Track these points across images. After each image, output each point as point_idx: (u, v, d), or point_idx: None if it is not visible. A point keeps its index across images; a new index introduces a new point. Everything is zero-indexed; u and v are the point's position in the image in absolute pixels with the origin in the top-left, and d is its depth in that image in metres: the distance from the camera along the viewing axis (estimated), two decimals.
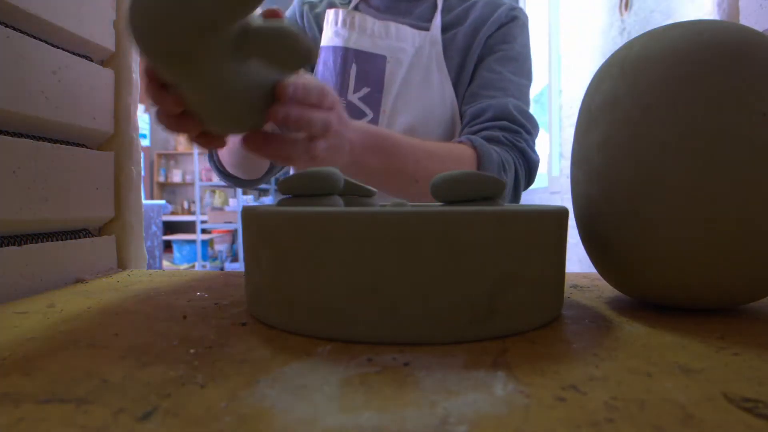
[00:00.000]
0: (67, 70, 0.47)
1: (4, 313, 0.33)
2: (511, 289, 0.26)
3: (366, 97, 0.71)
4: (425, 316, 0.25)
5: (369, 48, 0.72)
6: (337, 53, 0.73)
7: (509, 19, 0.76)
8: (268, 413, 0.17)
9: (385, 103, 0.71)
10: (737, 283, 0.29)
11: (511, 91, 0.72)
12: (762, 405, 0.18)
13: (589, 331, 0.28)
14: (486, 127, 0.68)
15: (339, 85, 0.73)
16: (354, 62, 0.72)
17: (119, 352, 0.24)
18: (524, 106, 0.72)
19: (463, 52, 0.74)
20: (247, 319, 0.31)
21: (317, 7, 0.80)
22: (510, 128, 0.69)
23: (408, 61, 0.72)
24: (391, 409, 0.18)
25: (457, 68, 0.74)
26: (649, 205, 0.29)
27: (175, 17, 0.29)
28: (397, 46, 0.72)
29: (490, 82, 0.72)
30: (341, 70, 0.72)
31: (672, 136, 0.28)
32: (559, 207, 0.30)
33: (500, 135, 0.67)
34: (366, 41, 0.72)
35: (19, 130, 0.44)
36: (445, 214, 0.25)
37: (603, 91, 0.32)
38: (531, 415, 0.17)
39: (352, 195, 0.42)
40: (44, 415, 0.17)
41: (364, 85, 0.71)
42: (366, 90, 0.71)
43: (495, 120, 0.69)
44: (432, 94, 0.72)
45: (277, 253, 0.27)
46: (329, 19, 0.74)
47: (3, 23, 0.41)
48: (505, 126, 0.68)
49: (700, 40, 0.29)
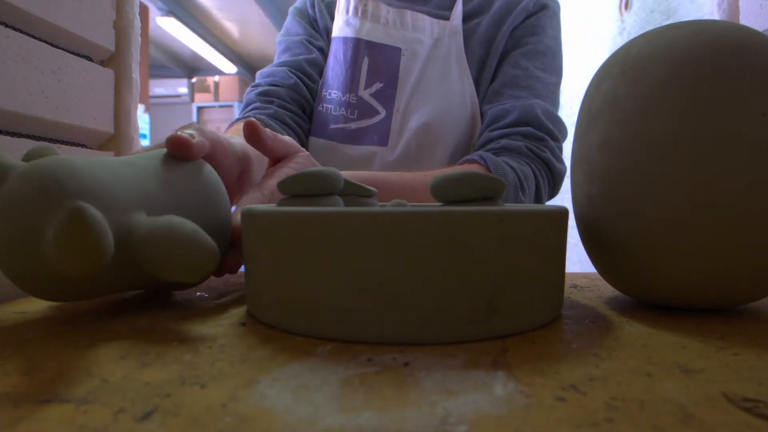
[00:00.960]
0: (67, 70, 0.47)
1: (4, 313, 0.33)
2: (511, 289, 0.26)
3: (378, 93, 0.65)
4: (425, 316, 0.25)
5: (382, 39, 0.66)
6: (347, 45, 0.67)
7: (538, 8, 0.68)
8: (268, 413, 0.17)
9: (399, 101, 0.65)
10: (737, 283, 0.29)
11: (539, 91, 0.65)
12: (762, 405, 0.18)
13: (589, 331, 0.28)
14: (507, 133, 0.62)
15: (349, 80, 0.66)
16: (366, 55, 0.66)
17: (119, 352, 0.24)
18: (552, 109, 0.66)
19: (486, 45, 0.67)
20: (247, 319, 0.31)
21: None
22: (534, 135, 0.63)
23: (425, 53, 0.65)
24: (391, 409, 0.18)
25: (479, 62, 0.67)
26: (649, 205, 0.29)
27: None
28: (414, 37, 0.66)
29: (515, 80, 0.65)
30: (352, 63, 0.66)
31: (672, 136, 0.28)
32: (559, 207, 0.30)
33: (522, 145, 0.62)
34: (379, 31, 0.66)
35: (19, 130, 0.44)
36: (445, 214, 0.25)
37: (603, 91, 0.32)
38: (531, 415, 0.17)
39: (352, 195, 0.42)
40: (44, 415, 0.17)
41: (376, 80, 0.65)
42: (378, 85, 0.65)
43: (518, 125, 0.63)
44: (451, 91, 0.65)
45: (277, 253, 0.27)
46: (340, 7, 0.69)
47: (3, 23, 0.41)
48: (529, 133, 0.62)
49: (700, 40, 0.29)
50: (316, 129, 0.67)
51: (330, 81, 0.67)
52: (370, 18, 0.67)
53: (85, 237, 0.22)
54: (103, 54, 0.54)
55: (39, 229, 0.25)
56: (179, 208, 0.31)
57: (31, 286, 0.28)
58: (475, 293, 0.25)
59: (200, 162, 0.36)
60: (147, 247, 0.27)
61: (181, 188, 0.33)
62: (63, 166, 0.27)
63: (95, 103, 0.52)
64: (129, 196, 0.29)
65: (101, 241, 0.22)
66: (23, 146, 0.42)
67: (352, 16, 0.67)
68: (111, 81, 0.54)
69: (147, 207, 0.29)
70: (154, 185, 0.31)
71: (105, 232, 0.23)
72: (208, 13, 4.05)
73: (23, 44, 0.42)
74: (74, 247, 0.22)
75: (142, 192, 0.30)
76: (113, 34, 0.55)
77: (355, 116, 0.64)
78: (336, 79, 0.67)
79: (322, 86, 0.67)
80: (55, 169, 0.27)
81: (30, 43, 0.43)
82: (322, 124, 0.66)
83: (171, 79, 5.46)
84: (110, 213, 0.27)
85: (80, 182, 0.27)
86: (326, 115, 0.65)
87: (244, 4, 3.76)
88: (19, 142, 0.42)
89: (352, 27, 0.67)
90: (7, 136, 0.42)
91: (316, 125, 0.67)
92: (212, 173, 0.36)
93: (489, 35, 0.67)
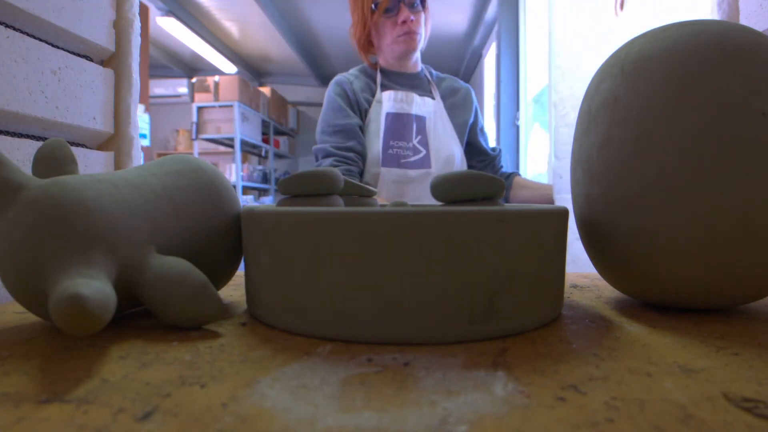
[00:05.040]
0: (67, 70, 0.47)
1: (4, 313, 0.33)
2: (511, 289, 0.26)
3: (420, 141, 1.15)
4: (425, 316, 0.25)
5: (416, 112, 1.16)
6: (405, 116, 1.15)
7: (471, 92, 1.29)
8: (268, 413, 0.17)
9: (431, 145, 1.15)
10: (737, 283, 0.29)
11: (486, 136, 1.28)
12: (762, 405, 0.18)
13: (589, 331, 0.28)
14: (494, 156, 1.25)
15: (407, 134, 1.14)
16: (414, 121, 1.15)
17: (119, 352, 0.24)
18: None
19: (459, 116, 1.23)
20: (247, 319, 0.31)
21: (353, 84, 1.16)
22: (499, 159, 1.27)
23: (434, 118, 1.17)
24: (391, 409, 0.18)
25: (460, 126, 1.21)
26: (649, 204, 0.29)
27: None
28: (426, 109, 1.17)
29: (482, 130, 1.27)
30: (406, 125, 1.15)
31: (672, 136, 0.28)
32: (559, 207, 0.30)
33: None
34: (416, 108, 1.16)
35: (19, 130, 0.44)
36: (445, 214, 0.25)
37: (603, 91, 0.32)
38: (531, 415, 0.17)
39: (352, 195, 0.42)
40: (44, 415, 0.17)
41: (418, 134, 1.15)
42: (419, 137, 1.15)
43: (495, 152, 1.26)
44: (450, 136, 1.18)
45: (277, 253, 0.27)
46: (389, 97, 1.16)
47: (3, 23, 0.41)
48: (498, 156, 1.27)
49: (700, 40, 0.29)
50: (390, 163, 1.12)
51: (395, 134, 1.14)
52: (405, 101, 1.16)
53: (83, 319, 0.22)
54: (103, 54, 0.54)
55: (44, 269, 0.25)
56: (190, 239, 0.31)
57: (35, 311, 0.27)
58: (475, 293, 0.25)
59: (210, 174, 0.34)
60: (154, 291, 0.27)
61: (193, 213, 0.32)
62: (72, 201, 0.26)
63: (95, 103, 0.52)
64: (139, 231, 0.28)
65: (100, 320, 0.22)
66: (23, 146, 0.42)
67: (394, 101, 1.16)
68: (111, 81, 0.54)
69: (158, 237, 0.29)
70: (165, 213, 0.30)
71: (105, 310, 0.23)
72: (208, 13, 4.05)
73: (23, 44, 0.42)
74: (73, 326, 0.22)
75: (153, 222, 0.29)
76: (113, 34, 0.55)
77: (411, 154, 1.13)
78: (399, 133, 1.13)
79: (388, 137, 1.13)
80: (64, 207, 0.26)
81: (30, 43, 0.43)
82: (394, 159, 1.12)
83: (171, 79, 5.46)
84: (118, 253, 0.26)
85: (89, 222, 0.26)
86: (396, 155, 1.13)
87: (244, 4, 3.76)
88: (19, 142, 0.42)
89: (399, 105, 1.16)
90: (7, 136, 0.42)
91: (389, 160, 1.11)
92: (222, 183, 0.35)
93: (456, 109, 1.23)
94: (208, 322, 0.28)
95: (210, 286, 0.27)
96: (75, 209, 0.26)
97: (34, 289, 0.25)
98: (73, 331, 0.22)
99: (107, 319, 0.23)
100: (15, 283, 0.26)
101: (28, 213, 0.25)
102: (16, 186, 0.26)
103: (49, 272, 0.24)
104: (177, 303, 0.27)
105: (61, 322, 0.22)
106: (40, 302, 0.26)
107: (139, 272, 0.27)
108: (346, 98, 1.14)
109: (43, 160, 0.30)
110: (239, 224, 0.34)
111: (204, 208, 0.32)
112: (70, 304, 0.21)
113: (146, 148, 4.15)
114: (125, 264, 0.27)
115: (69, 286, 0.22)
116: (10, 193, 0.26)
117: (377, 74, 1.18)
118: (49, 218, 0.25)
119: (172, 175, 0.32)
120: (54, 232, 0.25)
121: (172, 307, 0.27)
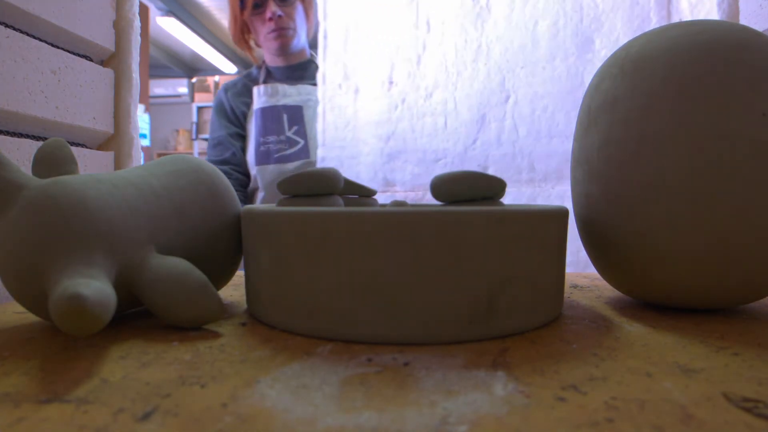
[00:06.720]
0: (67, 70, 0.47)
1: (4, 313, 0.33)
2: (511, 289, 0.26)
3: (296, 132, 1.11)
4: (425, 316, 0.25)
5: (290, 102, 1.13)
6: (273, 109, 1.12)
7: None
8: (268, 413, 0.17)
9: (308, 134, 1.10)
10: (737, 283, 0.29)
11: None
12: (762, 405, 0.18)
13: (589, 331, 0.28)
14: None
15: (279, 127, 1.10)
16: (284, 112, 1.12)
17: (119, 352, 0.24)
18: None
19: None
20: (247, 319, 0.31)
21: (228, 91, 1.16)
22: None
23: (313, 106, 1.10)
24: (391, 409, 0.18)
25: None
26: (649, 205, 0.29)
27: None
28: (301, 98, 1.13)
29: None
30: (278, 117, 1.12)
31: (672, 136, 0.28)
32: (559, 207, 0.30)
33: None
34: (287, 98, 1.13)
35: (19, 130, 0.44)
36: (445, 214, 0.25)
37: (603, 91, 0.32)
38: (531, 415, 0.17)
39: (352, 195, 0.42)
40: (44, 415, 0.17)
41: (293, 125, 1.11)
42: (295, 128, 1.11)
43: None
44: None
45: (277, 253, 0.27)
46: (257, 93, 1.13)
47: (3, 23, 0.41)
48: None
49: (700, 40, 0.29)
50: (263, 160, 1.09)
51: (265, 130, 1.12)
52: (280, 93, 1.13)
53: (83, 319, 0.22)
54: (103, 54, 0.54)
55: (44, 269, 0.25)
56: (190, 239, 0.31)
57: (35, 312, 0.27)
58: (475, 293, 0.25)
59: (210, 174, 0.34)
60: (154, 291, 0.27)
61: (193, 213, 0.32)
62: (72, 201, 0.26)
63: (95, 103, 0.52)
64: (139, 231, 0.28)
65: (100, 320, 0.22)
66: (23, 146, 0.42)
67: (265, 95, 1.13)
68: (111, 81, 0.54)
69: (158, 237, 0.29)
70: (165, 213, 0.30)
71: (105, 310, 0.22)
72: (208, 13, 4.05)
73: (23, 44, 0.42)
74: (73, 326, 0.22)
75: (153, 222, 0.29)
76: (113, 34, 0.55)
77: (287, 147, 1.09)
78: (269, 128, 1.10)
79: (258, 135, 1.11)
80: (65, 208, 0.26)
81: (30, 43, 0.43)
82: (268, 156, 1.09)
83: (171, 79, 5.46)
84: (118, 253, 0.26)
85: (89, 222, 0.26)
86: (268, 150, 1.10)
87: None
88: (19, 142, 0.42)
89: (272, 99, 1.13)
90: (7, 136, 0.42)
91: (262, 158, 1.09)
92: (222, 183, 0.35)
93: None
94: (208, 322, 0.28)
95: (210, 286, 0.27)
96: (75, 209, 0.26)
97: (34, 289, 0.25)
98: (73, 331, 0.22)
99: (107, 319, 0.23)
100: (15, 283, 0.26)
101: (29, 213, 0.25)
102: (16, 186, 0.26)
103: (49, 272, 0.24)
104: (177, 303, 0.27)
105: (61, 322, 0.22)
106: (41, 302, 0.26)
107: (139, 272, 0.27)
108: (221, 108, 1.16)
109: (43, 160, 0.30)
110: (239, 224, 0.34)
111: (204, 208, 0.32)
112: (70, 304, 0.21)
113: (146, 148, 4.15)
114: (125, 264, 0.27)
115: (69, 286, 0.22)
116: (11, 193, 0.26)
117: (260, 72, 1.18)
118: (50, 218, 0.25)
119: (172, 175, 0.32)
120: (54, 232, 0.25)
121: (173, 307, 0.27)
